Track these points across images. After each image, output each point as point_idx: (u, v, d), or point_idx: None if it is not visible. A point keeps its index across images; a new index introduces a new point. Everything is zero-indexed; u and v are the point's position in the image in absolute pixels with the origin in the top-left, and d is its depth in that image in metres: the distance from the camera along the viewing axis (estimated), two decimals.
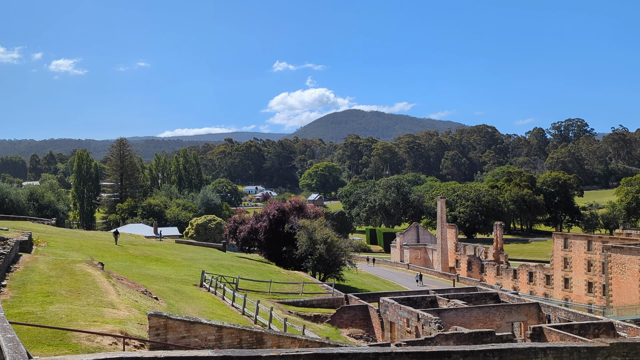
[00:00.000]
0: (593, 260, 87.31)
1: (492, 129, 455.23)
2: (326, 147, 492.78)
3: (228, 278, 53.71)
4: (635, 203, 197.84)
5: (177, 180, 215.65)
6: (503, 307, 54.06)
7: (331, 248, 73.55)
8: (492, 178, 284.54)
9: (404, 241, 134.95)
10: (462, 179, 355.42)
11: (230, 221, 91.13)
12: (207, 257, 72.45)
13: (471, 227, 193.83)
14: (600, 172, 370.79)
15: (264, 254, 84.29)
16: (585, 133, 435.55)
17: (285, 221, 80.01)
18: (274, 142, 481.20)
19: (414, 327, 48.47)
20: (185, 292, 43.66)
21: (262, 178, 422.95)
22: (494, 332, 43.18)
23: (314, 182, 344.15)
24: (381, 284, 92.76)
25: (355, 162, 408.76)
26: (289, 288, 59.45)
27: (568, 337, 41.88)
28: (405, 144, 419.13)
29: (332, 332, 46.40)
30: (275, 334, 29.94)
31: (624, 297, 74.35)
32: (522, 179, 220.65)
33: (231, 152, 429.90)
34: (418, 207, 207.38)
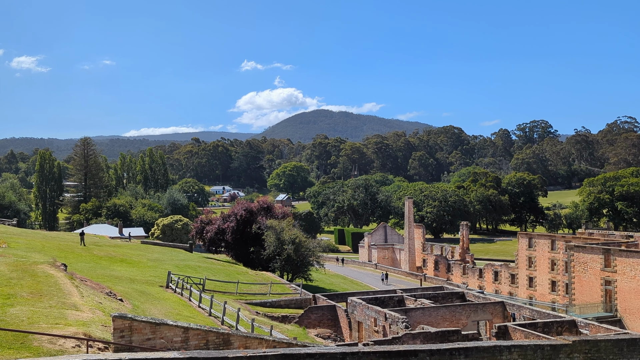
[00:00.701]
0: (556, 259, 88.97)
1: (458, 130, 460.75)
2: (294, 147, 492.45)
3: (195, 279, 53.17)
4: (597, 203, 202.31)
5: (142, 180, 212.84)
6: (469, 306, 54.68)
7: (299, 248, 73.43)
8: (459, 178, 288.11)
9: (372, 241, 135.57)
10: (429, 179, 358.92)
11: (197, 222, 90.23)
12: (174, 257, 71.62)
13: (438, 227, 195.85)
14: (563, 172, 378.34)
15: (232, 254, 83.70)
16: (549, 134, 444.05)
17: (253, 221, 79.58)
18: (241, 142, 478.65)
19: (381, 327, 48.67)
20: (151, 293, 43.07)
21: (230, 178, 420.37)
22: (460, 330, 43.63)
23: (282, 182, 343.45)
24: (349, 284, 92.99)
25: (323, 162, 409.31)
26: (256, 289, 59.15)
27: (532, 335, 42.54)
28: (373, 144, 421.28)
29: (300, 332, 46.29)
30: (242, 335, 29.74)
31: (586, 295, 75.92)
32: (488, 180, 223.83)
33: (198, 152, 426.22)
34: (386, 208, 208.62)
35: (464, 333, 43.43)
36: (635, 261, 69.66)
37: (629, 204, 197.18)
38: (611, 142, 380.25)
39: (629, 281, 70.16)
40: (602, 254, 74.03)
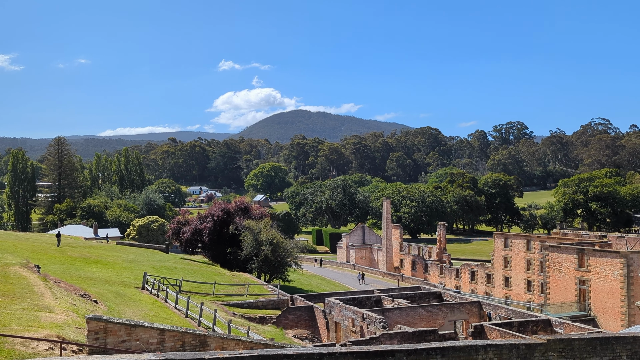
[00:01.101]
0: (532, 259, 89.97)
1: (436, 131, 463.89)
2: (272, 147, 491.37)
3: (171, 280, 52.72)
4: (572, 204, 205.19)
5: (118, 180, 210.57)
6: (446, 306, 55.04)
7: (277, 249, 73.26)
8: (436, 179, 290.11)
9: (350, 242, 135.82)
10: (407, 180, 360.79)
11: (173, 222, 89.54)
12: (150, 258, 70.97)
13: (416, 227, 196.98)
14: (539, 173, 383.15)
15: (208, 255, 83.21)
16: (525, 136, 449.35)
17: (230, 222, 79.19)
18: (219, 142, 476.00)
19: (359, 327, 48.75)
20: (127, 294, 42.61)
21: (207, 178, 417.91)
22: (437, 330, 43.90)
23: (259, 182, 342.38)
24: (327, 285, 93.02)
25: (301, 162, 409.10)
26: (233, 290, 58.87)
27: (508, 335, 42.95)
28: (351, 145, 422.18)
29: (278, 333, 46.16)
30: (219, 336, 29.56)
31: (560, 294, 76.89)
32: (465, 180, 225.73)
33: (175, 152, 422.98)
34: (364, 208, 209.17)
35: (441, 333, 43.70)
36: (608, 261, 70.73)
37: (603, 205, 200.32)
38: (585, 143, 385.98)
39: (602, 281, 71.22)
40: (576, 254, 75.04)
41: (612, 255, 71.16)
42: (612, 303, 69.80)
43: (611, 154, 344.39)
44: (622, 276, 68.58)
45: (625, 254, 70.24)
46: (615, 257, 70.45)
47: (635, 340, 22.36)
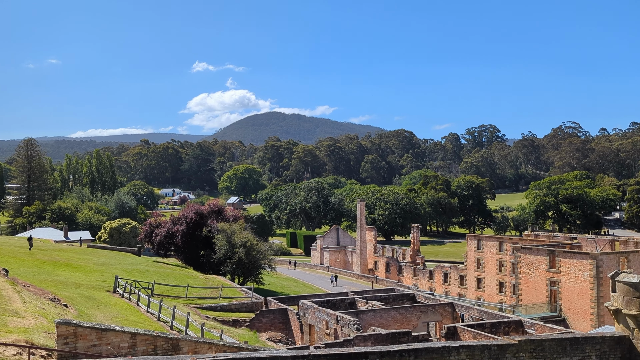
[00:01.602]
0: (504, 260, 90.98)
1: (410, 134, 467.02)
2: (246, 149, 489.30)
3: (143, 283, 52.15)
4: (543, 206, 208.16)
5: (89, 182, 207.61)
6: (419, 308, 55.32)
7: (250, 252, 72.96)
8: (410, 181, 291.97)
9: (324, 244, 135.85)
10: (381, 182, 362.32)
11: (145, 225, 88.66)
12: (121, 262, 70.14)
13: (390, 229, 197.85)
14: (511, 176, 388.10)
15: (181, 258, 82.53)
16: (497, 139, 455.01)
17: (204, 225, 78.67)
18: (192, 144, 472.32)
19: (333, 329, 48.73)
20: (98, 298, 42.05)
21: (180, 180, 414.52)
22: (410, 332, 44.10)
23: (233, 184, 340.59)
24: (301, 287, 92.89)
25: (276, 164, 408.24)
26: (206, 293, 58.46)
27: (480, 336, 43.32)
28: (326, 147, 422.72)
29: (251, 336, 45.94)
30: (191, 340, 29.33)
31: (532, 295, 77.86)
32: (438, 183, 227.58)
33: (147, 154, 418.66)
34: (338, 210, 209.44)
35: (414, 334, 43.91)
36: (578, 262, 71.85)
37: (573, 207, 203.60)
38: (556, 146, 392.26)
39: (572, 282, 72.31)
40: (547, 256, 76.08)
41: (582, 257, 72.30)
42: (582, 304, 70.89)
43: (581, 157, 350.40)
44: (592, 277, 69.71)
45: (595, 255, 71.43)
46: (585, 258, 71.59)
47: (604, 340, 22.69)
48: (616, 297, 23.30)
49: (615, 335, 22.93)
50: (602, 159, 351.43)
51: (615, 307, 23.29)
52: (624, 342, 22.74)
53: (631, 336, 22.62)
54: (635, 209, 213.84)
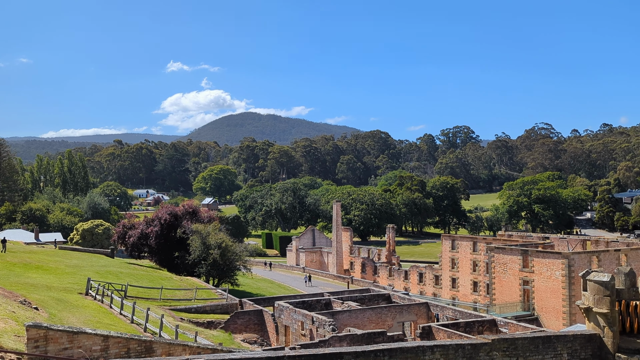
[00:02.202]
0: (478, 260, 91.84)
1: (385, 135, 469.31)
2: (221, 150, 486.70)
3: (116, 285, 51.50)
4: (516, 206, 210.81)
5: (61, 183, 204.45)
6: (394, 308, 55.55)
7: (225, 253, 72.55)
8: (386, 182, 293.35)
9: (300, 245, 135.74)
10: (357, 182, 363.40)
11: (119, 226, 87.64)
12: (94, 263, 69.23)
13: (365, 229, 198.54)
14: (484, 176, 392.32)
15: (155, 259, 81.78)
16: (471, 140, 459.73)
17: (178, 226, 78.02)
18: (166, 145, 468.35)
19: (308, 330, 48.68)
20: (69, 301, 41.42)
21: (154, 181, 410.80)
22: (385, 332, 44.24)
23: (208, 185, 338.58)
24: (276, 288, 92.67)
25: (251, 165, 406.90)
26: (181, 294, 58.00)
27: (455, 335, 43.64)
28: (302, 147, 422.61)
29: (226, 337, 45.65)
30: (165, 342, 29.05)
31: (505, 295, 78.70)
32: (413, 183, 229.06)
33: (121, 154, 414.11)
34: (314, 211, 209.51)
35: (389, 334, 44.06)
36: (550, 262, 72.82)
37: (546, 207, 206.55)
38: (529, 147, 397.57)
39: (545, 281, 73.26)
40: (520, 255, 76.96)
41: (554, 256, 73.29)
42: (555, 302, 71.86)
43: (554, 157, 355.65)
44: (564, 276, 70.70)
45: (567, 254, 72.47)
46: (557, 258, 72.59)
47: (575, 338, 22.99)
48: (587, 296, 23.62)
49: (586, 334, 23.25)
50: (574, 160, 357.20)
51: (586, 305, 23.61)
52: (594, 340, 23.07)
53: (602, 334, 22.95)
54: (606, 209, 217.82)
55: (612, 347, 22.68)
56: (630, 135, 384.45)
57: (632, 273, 23.39)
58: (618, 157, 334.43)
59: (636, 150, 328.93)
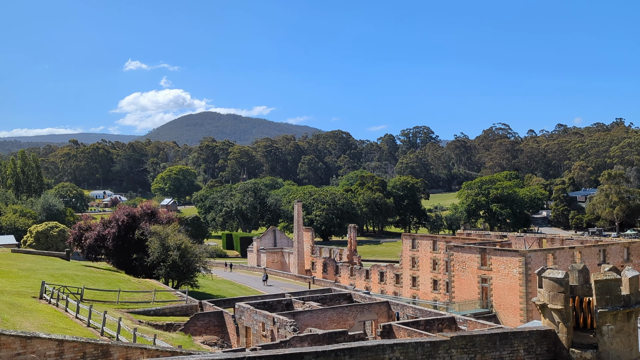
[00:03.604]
0: (438, 259, 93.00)
1: (346, 135, 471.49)
2: (180, 150, 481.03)
3: (72, 288, 50.38)
4: (475, 205, 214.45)
5: (13, 184, 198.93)
6: (355, 307, 55.76)
7: (185, 254, 71.73)
8: (347, 182, 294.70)
9: (261, 245, 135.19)
10: (318, 182, 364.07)
11: (74, 228, 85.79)
12: (49, 266, 67.61)
13: (327, 229, 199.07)
14: (444, 176, 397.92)
15: (113, 261, 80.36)
16: (431, 140, 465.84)
17: (136, 227, 76.78)
18: (124, 145, 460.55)
19: (269, 331, 48.49)
20: (23, 305, 40.36)
21: (111, 182, 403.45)
22: (347, 331, 44.37)
23: (167, 186, 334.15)
24: (237, 289, 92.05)
25: (211, 165, 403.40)
26: (139, 297, 57.14)
27: (415, 333, 44.04)
28: (262, 147, 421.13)
29: (186, 340, 45.09)
30: (123, 345, 28.62)
31: (464, 293, 79.87)
32: (374, 183, 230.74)
33: (76, 155, 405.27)
34: (275, 211, 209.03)
35: (350, 334, 44.19)
36: (508, 259, 74.21)
37: (503, 206, 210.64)
38: (487, 147, 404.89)
39: (502, 278, 74.62)
40: (478, 254, 78.22)
41: (511, 254, 74.72)
42: (512, 299, 73.27)
43: (511, 157, 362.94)
44: (521, 274, 72.14)
45: (524, 252, 73.98)
46: (514, 255, 74.03)
47: (531, 334, 23.43)
48: (542, 293, 24.08)
49: (542, 330, 23.72)
50: (530, 160, 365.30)
51: (542, 302, 24.07)
52: (549, 335, 23.55)
53: (556, 330, 23.44)
54: (561, 207, 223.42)
55: (567, 342, 23.18)
56: (584, 135, 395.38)
57: (585, 270, 23.96)
58: (572, 156, 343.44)
59: (590, 150, 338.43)
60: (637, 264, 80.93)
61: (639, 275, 23.72)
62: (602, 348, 22.75)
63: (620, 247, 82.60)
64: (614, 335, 22.89)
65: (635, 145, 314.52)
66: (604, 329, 22.84)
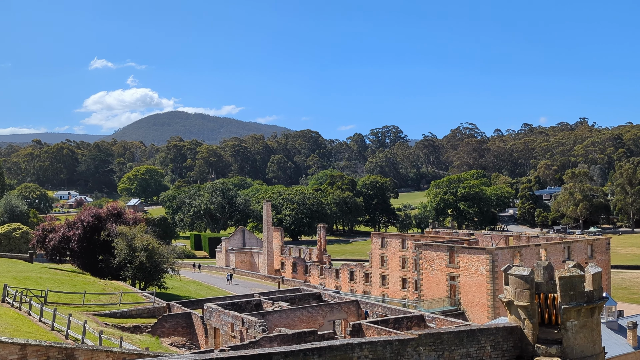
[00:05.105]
0: (407, 257, 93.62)
1: (316, 134, 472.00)
2: (148, 150, 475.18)
3: (35, 291, 49.38)
4: (443, 204, 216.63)
5: None
6: (325, 307, 55.73)
7: (152, 255, 70.84)
8: (316, 181, 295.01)
9: (230, 246, 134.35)
10: (287, 182, 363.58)
11: (38, 229, 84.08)
12: (11, 269, 66.15)
13: (297, 229, 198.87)
14: (413, 175, 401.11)
15: (78, 263, 78.97)
16: (400, 139, 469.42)
17: (102, 228, 75.54)
18: (89, 144, 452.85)
19: (238, 332, 48.17)
20: None
21: (76, 183, 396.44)
22: (316, 331, 44.32)
23: (134, 186, 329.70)
24: (206, 290, 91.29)
25: (178, 165, 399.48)
26: (105, 299, 56.27)
27: (384, 332, 44.21)
28: (231, 147, 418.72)
29: (153, 342, 44.57)
30: (88, 349, 28.16)
31: (433, 290, 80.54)
32: (344, 182, 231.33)
33: (40, 155, 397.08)
34: (244, 211, 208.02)
35: (320, 333, 44.15)
36: (475, 257, 75.06)
37: (471, 204, 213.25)
38: (455, 146, 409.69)
39: (470, 276, 75.44)
40: (447, 252, 78.95)
41: (479, 252, 75.60)
42: (480, 297, 74.13)
43: (478, 156, 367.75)
44: (488, 271, 73.04)
45: (491, 250, 74.91)
46: (481, 253, 74.91)
47: (497, 331, 23.68)
48: (508, 290, 24.35)
49: (508, 326, 24.00)
50: (497, 159, 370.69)
51: (508, 299, 24.34)
52: (515, 332, 23.83)
53: (522, 326, 23.73)
54: (527, 205, 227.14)
55: (532, 338, 23.49)
56: (549, 134, 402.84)
57: (550, 267, 24.31)
58: (538, 155, 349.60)
59: (555, 149, 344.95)
60: (600, 261, 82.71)
61: (601, 272, 24.19)
62: (566, 343, 23.11)
63: (584, 244, 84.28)
64: (578, 330, 23.28)
65: (598, 144, 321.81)
66: (568, 325, 23.20)
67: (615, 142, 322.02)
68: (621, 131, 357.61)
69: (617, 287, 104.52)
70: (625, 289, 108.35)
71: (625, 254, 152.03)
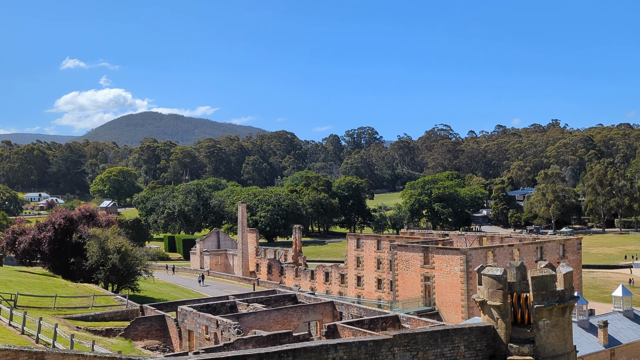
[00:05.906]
0: (382, 258, 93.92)
1: (291, 135, 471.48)
2: (121, 150, 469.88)
3: (5, 295, 48.54)
4: (418, 205, 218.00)
5: None
6: (300, 308, 55.62)
7: (125, 257, 70.07)
8: (292, 183, 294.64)
9: (204, 247, 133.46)
10: (263, 183, 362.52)
11: (8, 232, 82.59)
12: None
13: (272, 230, 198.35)
14: (388, 176, 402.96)
15: (49, 266, 77.79)
16: (375, 140, 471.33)
17: (74, 230, 74.51)
18: (61, 145, 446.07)
19: (213, 334, 47.82)
20: None
21: (47, 184, 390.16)
22: (291, 332, 44.18)
23: (106, 188, 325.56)
24: (180, 292, 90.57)
25: (152, 166, 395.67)
26: (77, 302, 55.46)
27: (359, 332, 44.24)
28: (205, 148, 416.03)
29: (126, 345, 44.04)
30: (59, 353, 27.69)
31: (408, 291, 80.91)
32: (320, 184, 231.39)
33: (10, 156, 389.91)
34: (219, 213, 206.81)
35: (295, 334, 44.02)
36: (449, 257, 75.60)
37: (445, 205, 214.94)
38: (429, 148, 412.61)
39: (444, 276, 75.96)
40: (421, 252, 79.36)
41: (453, 253, 76.15)
42: (454, 297, 74.65)
43: (452, 157, 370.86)
44: (462, 272, 73.60)
45: (465, 250, 75.50)
46: (456, 254, 75.46)
47: (471, 331, 23.84)
48: (482, 290, 24.52)
49: (482, 326, 24.17)
50: (471, 160, 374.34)
51: (481, 299, 24.51)
52: (489, 331, 24.01)
53: (495, 325, 23.93)
54: (500, 206, 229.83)
55: (505, 337, 23.69)
56: (522, 136, 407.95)
57: (522, 267, 24.55)
58: (511, 157, 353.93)
59: (527, 151, 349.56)
60: (572, 260, 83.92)
61: (573, 272, 24.49)
62: (538, 342, 23.35)
63: (557, 244, 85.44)
64: (550, 329, 23.54)
65: (570, 145, 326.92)
66: (540, 324, 23.45)
67: (586, 143, 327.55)
68: (592, 133, 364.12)
69: (588, 286, 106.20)
70: (596, 288, 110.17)
71: (596, 253, 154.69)
